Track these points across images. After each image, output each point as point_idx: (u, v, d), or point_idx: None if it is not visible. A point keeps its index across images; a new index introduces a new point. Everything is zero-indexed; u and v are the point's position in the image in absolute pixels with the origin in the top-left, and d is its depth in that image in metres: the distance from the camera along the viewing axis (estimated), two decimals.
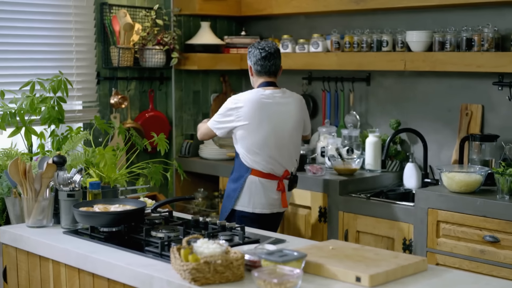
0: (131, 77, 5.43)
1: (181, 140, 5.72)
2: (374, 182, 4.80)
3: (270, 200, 4.20)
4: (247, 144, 4.15)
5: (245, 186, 4.18)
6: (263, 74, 4.23)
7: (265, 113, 4.13)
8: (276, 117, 4.16)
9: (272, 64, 4.21)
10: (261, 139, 4.13)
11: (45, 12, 4.88)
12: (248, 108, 4.12)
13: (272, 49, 4.22)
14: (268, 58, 4.20)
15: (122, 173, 3.72)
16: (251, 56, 4.25)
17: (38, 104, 3.91)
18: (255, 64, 4.22)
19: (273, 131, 4.15)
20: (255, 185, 4.17)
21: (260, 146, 4.13)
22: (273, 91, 4.19)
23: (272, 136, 4.14)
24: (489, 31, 4.28)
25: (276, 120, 4.16)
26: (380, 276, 2.40)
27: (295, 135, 4.27)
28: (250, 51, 4.27)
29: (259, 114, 4.12)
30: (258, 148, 4.14)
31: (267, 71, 4.22)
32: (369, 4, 4.82)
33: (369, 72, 5.16)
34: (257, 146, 4.14)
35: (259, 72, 4.24)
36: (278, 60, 4.24)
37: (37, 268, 3.12)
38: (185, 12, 5.58)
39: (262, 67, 4.21)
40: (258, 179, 4.16)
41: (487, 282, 2.48)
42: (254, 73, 4.27)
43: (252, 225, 3.93)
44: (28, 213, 3.24)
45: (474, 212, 3.89)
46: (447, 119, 4.76)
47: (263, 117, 4.12)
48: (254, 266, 2.49)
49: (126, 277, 2.64)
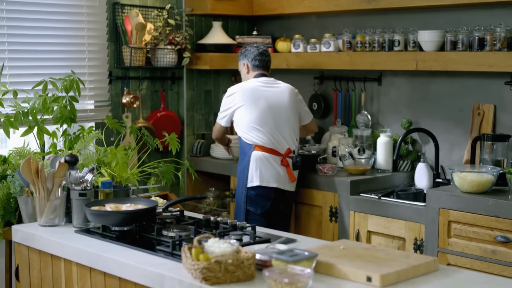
0: (143, 76, 5.44)
1: (192, 140, 5.72)
2: (385, 182, 4.79)
3: (276, 175, 4.51)
4: (246, 122, 4.54)
5: (251, 162, 4.51)
6: (260, 68, 4.73)
7: (259, 93, 4.57)
8: (271, 97, 4.57)
9: (268, 59, 4.76)
10: (259, 116, 4.52)
11: (57, 12, 4.90)
12: (242, 91, 4.60)
13: (265, 47, 4.80)
14: (264, 54, 4.73)
15: (134, 173, 3.74)
16: (247, 54, 4.74)
17: (50, 104, 3.93)
18: (253, 60, 4.71)
19: (269, 108, 4.54)
20: (260, 159, 4.49)
21: (259, 122, 4.52)
22: (265, 78, 4.68)
23: (269, 113, 4.53)
24: (501, 30, 4.27)
25: (271, 99, 4.57)
26: (391, 276, 2.40)
27: (291, 116, 4.62)
28: (246, 50, 4.77)
29: (252, 94, 4.56)
30: (257, 124, 4.52)
31: (264, 65, 4.73)
32: (381, 4, 4.82)
33: (380, 71, 5.15)
34: (256, 122, 4.52)
35: (256, 67, 4.73)
36: (270, 57, 4.80)
37: (49, 267, 3.13)
38: (197, 12, 5.59)
39: (260, 62, 4.71)
40: (262, 154, 4.50)
41: (498, 282, 2.47)
42: (250, 68, 4.75)
43: (265, 202, 4.52)
44: (40, 212, 3.25)
45: (485, 212, 3.88)
46: (458, 119, 4.75)
47: (257, 96, 4.55)
48: (265, 265, 2.50)
49: (137, 276, 2.65)
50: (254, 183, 4.51)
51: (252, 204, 4.55)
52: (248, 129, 4.55)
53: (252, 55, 4.71)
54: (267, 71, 4.77)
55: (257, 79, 4.67)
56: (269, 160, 4.51)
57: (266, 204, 4.55)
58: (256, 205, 4.55)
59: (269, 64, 4.78)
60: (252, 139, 4.53)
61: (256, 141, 4.52)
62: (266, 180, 4.51)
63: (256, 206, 4.55)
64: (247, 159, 4.54)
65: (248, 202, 4.55)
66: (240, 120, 4.59)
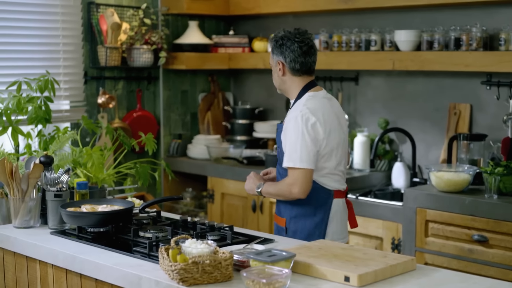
0: (118, 76, 5.41)
1: (169, 140, 5.70)
2: (362, 182, 4.80)
3: (347, 225, 3.42)
4: (328, 161, 3.28)
5: (331, 215, 3.30)
6: (304, 75, 3.34)
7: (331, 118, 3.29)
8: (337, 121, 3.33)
9: (313, 61, 3.36)
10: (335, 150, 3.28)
11: (31, 12, 4.85)
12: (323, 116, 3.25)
13: (311, 42, 3.35)
14: (309, 53, 3.32)
15: (110, 173, 3.71)
16: (285, 50, 3.32)
17: (25, 104, 3.89)
18: (292, 62, 3.30)
19: (339, 137, 3.32)
20: (341, 210, 3.34)
21: (336, 159, 3.30)
22: (323, 92, 3.37)
23: (340, 144, 3.32)
24: (477, 30, 4.29)
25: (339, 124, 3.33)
26: (368, 276, 2.39)
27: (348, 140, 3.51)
28: (284, 43, 3.32)
29: (329, 120, 3.27)
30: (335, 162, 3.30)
31: (308, 69, 3.34)
32: (358, 4, 4.82)
33: (357, 71, 5.16)
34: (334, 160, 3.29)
35: (297, 71, 3.31)
36: (316, 55, 3.40)
37: (24, 269, 3.10)
38: (173, 11, 5.56)
39: (303, 65, 3.30)
40: (342, 202, 3.35)
41: (475, 281, 2.48)
42: (288, 71, 3.33)
43: None
44: (15, 213, 3.21)
45: (462, 212, 3.89)
46: (435, 119, 4.77)
47: (331, 122, 3.27)
48: (242, 266, 2.49)
49: (114, 278, 2.63)
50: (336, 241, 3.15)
51: None
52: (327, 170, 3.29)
53: (293, 54, 3.30)
54: (313, 76, 3.40)
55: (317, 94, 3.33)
56: (346, 207, 3.38)
57: None
58: None
59: (314, 67, 3.38)
60: (332, 183, 3.31)
61: (336, 185, 3.32)
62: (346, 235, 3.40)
63: None
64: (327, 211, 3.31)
65: None
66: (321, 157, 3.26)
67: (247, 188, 3.43)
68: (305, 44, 3.29)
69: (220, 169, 5.26)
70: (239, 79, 6.05)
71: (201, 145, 5.52)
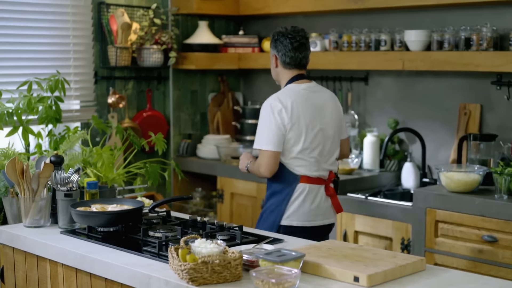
0: (128, 76, 5.42)
1: (178, 140, 5.71)
2: (372, 182, 4.79)
3: (320, 210, 3.67)
4: (296, 146, 3.60)
5: (293, 197, 3.61)
6: (293, 68, 3.70)
7: (308, 107, 3.63)
8: (318, 111, 3.66)
9: (304, 56, 3.70)
10: (308, 139, 3.61)
11: (42, 12, 4.87)
12: (294, 105, 3.60)
13: (304, 38, 3.70)
14: (299, 49, 3.68)
15: (120, 173, 3.72)
16: (278, 45, 3.69)
17: (35, 104, 3.91)
18: (283, 56, 3.67)
19: (317, 126, 3.63)
20: (305, 194, 3.62)
21: (307, 146, 3.61)
22: (308, 84, 3.71)
23: (317, 132, 3.63)
24: (487, 30, 4.28)
25: (319, 114, 3.66)
26: (378, 276, 2.39)
27: (337, 132, 3.75)
28: (277, 39, 3.70)
29: (303, 109, 3.61)
30: (306, 149, 3.61)
31: (298, 64, 3.69)
32: (368, 4, 4.82)
33: (367, 71, 5.15)
34: (305, 147, 3.61)
35: (288, 64, 3.69)
36: (309, 51, 3.75)
37: (34, 268, 3.11)
38: (183, 11, 5.57)
39: (292, 59, 3.67)
40: (308, 187, 3.62)
41: (485, 281, 2.47)
42: (280, 64, 3.71)
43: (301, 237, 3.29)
44: (25, 213, 3.23)
45: (472, 212, 3.88)
46: (445, 119, 4.75)
47: (306, 112, 3.62)
48: (252, 266, 2.49)
49: (123, 277, 2.64)
50: (294, 223, 3.63)
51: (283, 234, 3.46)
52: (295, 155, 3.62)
53: (284, 49, 3.67)
54: (304, 69, 3.75)
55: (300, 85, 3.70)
56: (316, 192, 3.66)
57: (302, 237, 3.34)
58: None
59: (305, 62, 3.73)
60: (299, 169, 3.63)
61: (303, 171, 3.63)
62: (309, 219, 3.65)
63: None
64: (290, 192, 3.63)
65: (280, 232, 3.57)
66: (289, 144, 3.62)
67: (240, 167, 3.83)
68: (296, 41, 3.66)
69: (229, 169, 5.27)
70: (248, 79, 6.05)
71: (211, 145, 5.52)
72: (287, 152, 3.61)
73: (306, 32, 3.74)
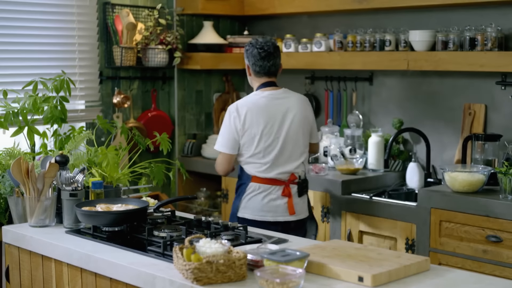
0: (133, 76, 5.43)
1: (183, 140, 5.72)
2: (376, 182, 4.79)
3: (272, 208, 3.97)
4: (249, 150, 3.96)
5: (246, 193, 3.99)
6: (263, 76, 4.03)
7: (264, 115, 3.93)
8: (277, 117, 3.94)
9: (272, 64, 4.00)
10: (262, 143, 3.93)
11: (47, 12, 4.88)
12: (249, 113, 3.93)
13: (272, 48, 4.00)
14: (267, 58, 3.98)
15: (125, 173, 3.72)
16: (249, 55, 4.02)
17: (40, 104, 3.91)
18: (253, 65, 4.00)
19: (274, 132, 3.93)
20: (257, 192, 3.97)
21: (261, 150, 3.94)
22: (272, 91, 4.01)
23: (274, 138, 3.94)
24: (492, 30, 4.28)
25: (278, 120, 3.94)
26: (382, 276, 2.39)
27: (301, 137, 4.01)
28: (248, 49, 4.03)
29: (257, 117, 3.92)
30: (259, 152, 3.94)
31: (266, 72, 4.01)
32: (372, 4, 4.82)
33: (372, 71, 5.16)
34: (258, 150, 3.94)
35: (258, 73, 4.02)
36: (278, 59, 4.04)
37: (39, 267, 3.12)
38: (187, 11, 5.58)
39: (261, 68, 4.00)
40: (260, 186, 3.97)
41: (489, 282, 2.47)
42: (252, 73, 4.05)
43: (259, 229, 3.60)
44: (30, 212, 3.24)
45: (477, 212, 3.88)
46: (450, 119, 4.75)
47: (262, 119, 3.92)
48: (256, 265, 2.49)
49: (128, 277, 2.64)
50: (246, 216, 4.00)
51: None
52: (248, 157, 3.98)
53: (253, 59, 4.01)
54: (273, 77, 4.06)
55: (263, 93, 4.01)
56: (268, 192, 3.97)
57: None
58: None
59: (274, 69, 4.04)
60: (251, 170, 3.99)
61: (254, 172, 3.98)
62: (260, 215, 3.98)
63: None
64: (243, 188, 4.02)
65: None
66: (243, 147, 3.98)
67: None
68: (264, 51, 3.98)
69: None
70: None
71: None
72: (240, 154, 4.00)
73: (274, 42, 4.05)
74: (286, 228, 3.92)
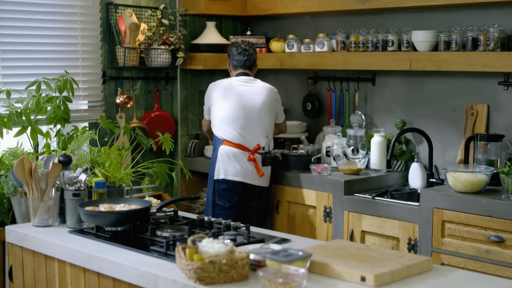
0: (136, 76, 5.44)
1: (186, 140, 5.72)
2: (379, 182, 4.79)
3: (242, 170, 4.68)
4: (218, 117, 4.76)
5: (218, 156, 4.71)
6: (239, 68, 4.87)
7: (232, 91, 4.75)
8: (244, 95, 4.74)
9: (247, 59, 4.86)
10: (229, 112, 4.71)
11: (51, 12, 4.89)
12: (217, 88, 4.81)
13: (247, 46, 4.89)
14: (242, 53, 4.85)
15: (128, 173, 3.73)
16: (229, 53, 4.91)
17: (44, 104, 3.93)
18: (232, 60, 4.89)
19: (241, 105, 4.72)
20: (226, 154, 4.69)
21: (229, 118, 4.71)
22: (243, 77, 4.84)
23: (240, 110, 4.71)
24: (494, 30, 4.28)
25: (245, 97, 4.73)
26: (385, 276, 2.40)
27: (265, 114, 4.77)
28: (230, 49, 4.92)
29: (225, 92, 4.75)
30: (227, 120, 4.71)
31: (241, 65, 4.86)
32: (375, 4, 4.82)
33: (374, 71, 5.16)
34: (225, 118, 4.71)
35: (235, 66, 4.89)
36: (253, 56, 4.89)
37: (42, 267, 3.13)
38: (190, 12, 5.58)
39: (237, 61, 4.86)
40: (229, 148, 4.69)
41: (492, 282, 2.48)
42: (231, 68, 4.92)
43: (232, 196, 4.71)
44: (34, 212, 3.24)
45: (479, 212, 3.88)
46: (452, 119, 4.76)
47: (230, 94, 4.74)
48: (259, 265, 2.50)
49: (131, 277, 2.65)
50: (220, 176, 4.70)
51: (220, 198, 4.72)
52: (219, 124, 4.75)
53: (232, 55, 4.88)
54: (248, 69, 4.89)
55: (235, 77, 4.86)
56: (235, 154, 4.69)
57: (233, 198, 4.71)
58: (224, 199, 4.71)
59: (248, 63, 4.88)
60: (222, 134, 4.73)
61: (224, 136, 4.72)
62: (232, 174, 4.69)
63: (224, 200, 4.71)
64: (216, 152, 4.74)
65: (216, 196, 4.73)
66: (213, 115, 4.81)
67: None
68: (241, 47, 4.88)
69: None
70: None
71: None
72: (212, 121, 4.85)
73: (251, 43, 4.98)
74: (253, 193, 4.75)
